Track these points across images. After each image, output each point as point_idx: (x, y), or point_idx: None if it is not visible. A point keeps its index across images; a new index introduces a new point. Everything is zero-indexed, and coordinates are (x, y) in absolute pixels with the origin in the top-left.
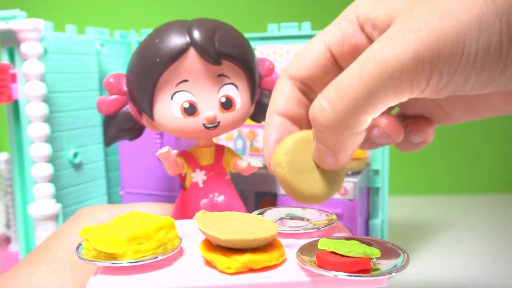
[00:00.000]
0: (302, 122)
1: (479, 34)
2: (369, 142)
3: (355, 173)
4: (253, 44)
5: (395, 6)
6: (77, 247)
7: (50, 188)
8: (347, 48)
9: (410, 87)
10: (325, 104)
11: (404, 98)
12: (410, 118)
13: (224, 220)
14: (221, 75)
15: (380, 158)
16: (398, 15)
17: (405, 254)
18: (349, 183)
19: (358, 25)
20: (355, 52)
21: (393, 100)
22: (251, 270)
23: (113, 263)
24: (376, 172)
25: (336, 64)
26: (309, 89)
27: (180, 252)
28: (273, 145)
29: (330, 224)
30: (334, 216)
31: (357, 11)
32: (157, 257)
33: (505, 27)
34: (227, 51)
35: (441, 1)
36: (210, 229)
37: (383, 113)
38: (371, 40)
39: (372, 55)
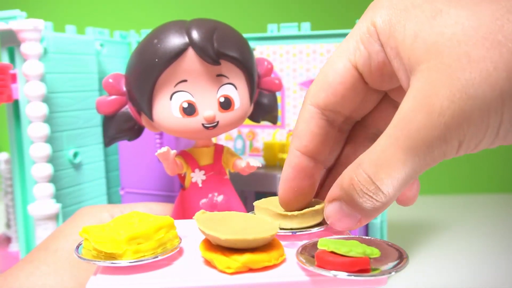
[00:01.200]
0: (322, 157)
1: (503, 111)
2: None
3: None
4: (253, 44)
5: (412, 41)
6: (77, 247)
7: (50, 188)
8: (375, 66)
9: (442, 158)
10: (379, 193)
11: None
12: None
13: (224, 220)
14: (220, 75)
15: None
16: (418, 63)
17: (405, 254)
18: None
19: (380, 42)
20: (382, 69)
21: (427, 168)
22: (251, 270)
23: (112, 263)
24: None
25: (364, 83)
26: (335, 113)
27: (180, 252)
28: (289, 188)
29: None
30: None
31: (376, 27)
32: (156, 257)
33: None
34: (226, 51)
35: (458, 67)
36: (210, 229)
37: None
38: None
39: (400, 134)
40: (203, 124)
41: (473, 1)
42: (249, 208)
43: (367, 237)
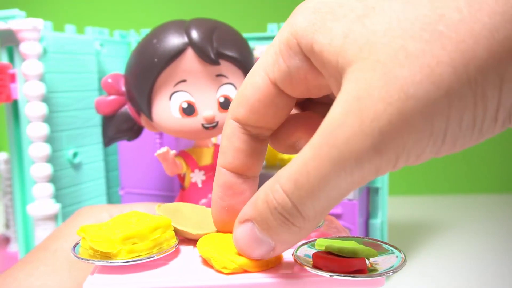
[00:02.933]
0: (251, 172)
1: (449, 114)
2: None
3: None
4: (253, 44)
5: (341, 43)
6: (74, 246)
7: (50, 188)
8: (296, 81)
9: (374, 175)
10: (280, 191)
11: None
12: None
13: (180, 212)
14: (219, 75)
15: None
16: (349, 64)
17: (402, 254)
18: None
19: (302, 55)
20: (306, 83)
21: (356, 188)
22: (246, 271)
23: (109, 262)
24: None
25: (287, 96)
26: (258, 128)
27: (177, 252)
28: (220, 208)
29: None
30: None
31: (296, 35)
32: (153, 257)
33: (480, 100)
34: (225, 51)
35: (395, 64)
36: (181, 225)
37: None
38: (322, 75)
39: (326, 143)
40: (202, 124)
41: None
42: None
43: (364, 237)
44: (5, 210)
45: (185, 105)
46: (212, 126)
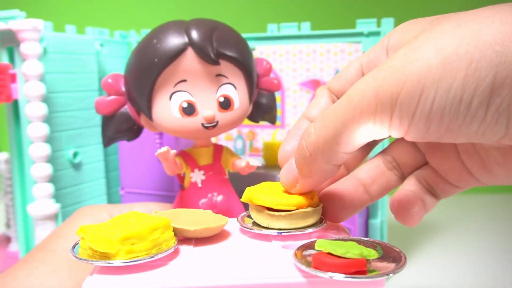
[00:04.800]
0: None
1: (440, 78)
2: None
3: None
4: (252, 44)
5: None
6: (73, 246)
7: (50, 188)
8: (373, 68)
9: (373, 123)
10: (311, 128)
11: (377, 135)
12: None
13: (178, 214)
14: (219, 75)
15: None
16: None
17: (403, 255)
18: None
19: (386, 49)
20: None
21: (364, 136)
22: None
23: (108, 263)
24: None
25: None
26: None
27: (176, 253)
28: (289, 151)
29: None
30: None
31: (389, 36)
32: (152, 257)
33: (472, 74)
34: (225, 51)
35: (424, 42)
36: (178, 224)
37: (403, 190)
38: None
39: (350, 88)
40: (202, 124)
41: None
42: (248, 208)
43: (365, 238)
44: (6, 210)
45: (185, 105)
46: (212, 126)
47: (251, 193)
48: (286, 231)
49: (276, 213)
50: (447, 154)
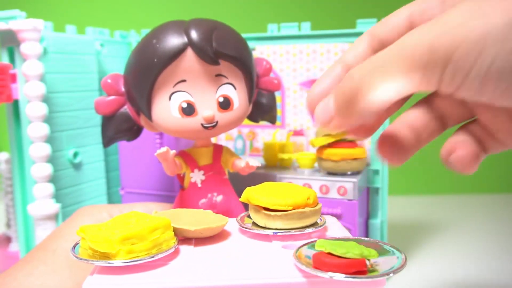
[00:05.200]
0: None
1: (504, 39)
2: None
3: (355, 173)
4: (253, 44)
5: None
6: (74, 246)
7: (50, 188)
8: (426, 20)
9: (421, 76)
10: (355, 73)
11: (422, 87)
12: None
13: (178, 215)
14: (218, 75)
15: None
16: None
17: (403, 255)
18: (349, 183)
19: (442, 1)
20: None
21: (407, 87)
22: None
23: (108, 263)
24: (376, 172)
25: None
26: (380, 43)
27: (177, 253)
28: (319, 93)
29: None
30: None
31: None
32: (152, 257)
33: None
34: (225, 51)
35: (489, 0)
36: (179, 224)
37: (465, 143)
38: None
39: (403, 38)
40: (202, 124)
41: None
42: (248, 208)
43: (365, 238)
44: (6, 210)
45: (184, 105)
46: (211, 126)
47: (249, 193)
48: (282, 231)
49: (273, 213)
50: (497, 113)
